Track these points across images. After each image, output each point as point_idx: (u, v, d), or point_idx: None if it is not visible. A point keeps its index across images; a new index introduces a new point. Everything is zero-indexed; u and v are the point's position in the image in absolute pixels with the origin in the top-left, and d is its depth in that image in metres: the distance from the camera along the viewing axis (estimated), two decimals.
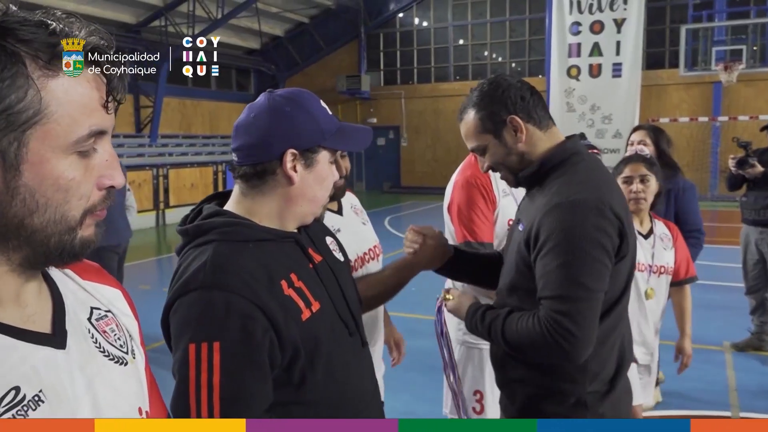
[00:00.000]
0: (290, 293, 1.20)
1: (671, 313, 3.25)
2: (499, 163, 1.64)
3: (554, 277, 1.45)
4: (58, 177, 0.66)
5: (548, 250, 1.47)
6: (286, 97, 1.27)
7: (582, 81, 14.47)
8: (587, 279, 1.44)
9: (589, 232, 1.44)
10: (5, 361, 0.64)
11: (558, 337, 1.44)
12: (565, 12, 14.46)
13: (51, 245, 0.68)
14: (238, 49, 19.33)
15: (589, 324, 1.45)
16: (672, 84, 16.03)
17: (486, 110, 1.59)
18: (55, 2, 13.02)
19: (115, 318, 0.82)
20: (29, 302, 0.71)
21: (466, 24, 18.95)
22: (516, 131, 1.59)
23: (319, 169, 1.27)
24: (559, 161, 1.58)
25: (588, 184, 1.51)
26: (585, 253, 1.44)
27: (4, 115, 0.63)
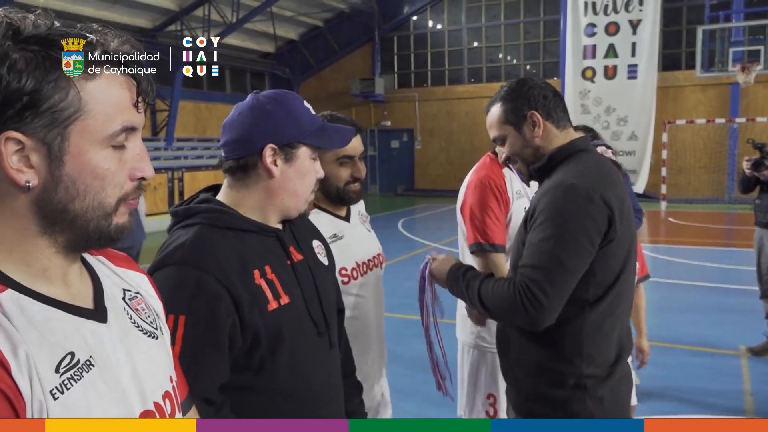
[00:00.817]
0: (261, 283, 1.27)
1: (672, 314, 3.22)
2: (516, 154, 1.76)
3: (535, 249, 1.58)
4: (95, 167, 0.76)
5: (537, 226, 1.60)
6: (270, 96, 1.35)
7: (597, 83, 14.39)
8: (564, 255, 1.54)
9: (575, 214, 1.55)
10: (61, 330, 0.74)
11: (526, 302, 1.55)
12: (580, 13, 14.40)
13: (90, 229, 0.78)
14: (253, 53, 19.47)
15: (556, 296, 1.55)
16: (689, 85, 15.88)
17: (510, 104, 1.73)
18: (74, 8, 13.21)
19: (143, 299, 0.93)
20: (74, 282, 0.81)
21: (480, 26, 18.92)
22: (534, 126, 1.71)
23: (299, 164, 1.34)
24: (566, 155, 1.70)
25: (584, 173, 1.63)
26: (567, 232, 1.55)
27: (49, 112, 0.72)
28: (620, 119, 14.28)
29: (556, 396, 1.64)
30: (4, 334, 0.69)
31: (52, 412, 0.69)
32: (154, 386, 0.86)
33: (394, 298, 1.92)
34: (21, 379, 0.68)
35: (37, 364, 0.70)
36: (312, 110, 1.38)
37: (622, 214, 1.63)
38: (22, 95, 0.71)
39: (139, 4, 14.68)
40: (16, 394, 0.67)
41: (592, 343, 1.63)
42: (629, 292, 1.73)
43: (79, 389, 0.73)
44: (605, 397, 1.64)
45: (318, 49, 20.14)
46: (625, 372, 1.75)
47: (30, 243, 0.76)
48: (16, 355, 0.68)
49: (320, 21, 19.66)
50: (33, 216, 0.76)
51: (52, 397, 0.70)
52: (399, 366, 4.37)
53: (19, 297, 0.73)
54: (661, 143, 14.30)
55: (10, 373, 0.67)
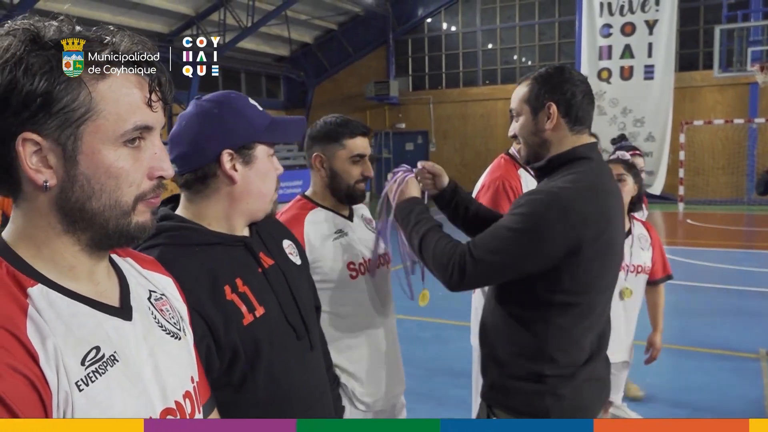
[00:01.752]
0: (233, 298, 1.23)
1: (691, 317, 3.18)
2: (523, 137, 1.76)
3: (496, 231, 1.62)
4: (109, 166, 0.78)
5: (511, 214, 1.63)
6: (213, 100, 1.29)
7: (613, 84, 14.28)
8: (509, 248, 1.58)
9: (546, 222, 1.56)
10: (87, 324, 0.77)
11: (455, 266, 1.62)
12: (596, 14, 14.30)
13: (110, 228, 0.80)
14: (268, 57, 19.57)
15: (480, 277, 1.64)
16: (706, 85, 15.71)
17: (537, 86, 1.71)
18: (92, 13, 13.38)
19: (168, 300, 0.96)
20: (101, 280, 0.84)
21: (495, 28, 18.86)
22: (548, 118, 1.69)
23: (258, 164, 1.29)
24: (566, 161, 1.68)
25: (573, 185, 1.61)
26: (530, 233, 1.57)
27: (62, 113, 0.74)
28: (637, 120, 14.16)
29: (517, 388, 1.68)
30: (34, 327, 0.71)
31: (77, 403, 0.72)
32: (175, 385, 0.87)
33: (408, 300, 1.91)
34: (48, 369, 0.70)
35: (64, 356, 0.72)
36: (259, 107, 1.32)
37: (604, 232, 1.61)
38: (36, 97, 0.73)
39: (155, 9, 14.84)
40: (44, 384, 0.70)
41: (557, 347, 1.64)
42: (604, 305, 1.74)
43: (103, 383, 0.75)
44: (566, 395, 1.65)
45: (332, 52, 20.20)
46: (596, 375, 1.74)
47: (56, 241, 0.79)
48: (45, 346, 0.71)
49: (335, 24, 19.73)
50: (55, 214, 0.78)
51: (77, 389, 0.72)
52: (413, 368, 4.36)
53: (48, 291, 0.76)
54: (678, 144, 14.15)
55: (38, 363, 0.70)
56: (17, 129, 0.73)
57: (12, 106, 0.72)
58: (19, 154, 0.74)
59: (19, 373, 0.67)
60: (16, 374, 0.67)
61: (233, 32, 15.83)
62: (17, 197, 0.79)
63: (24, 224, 0.79)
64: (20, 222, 0.79)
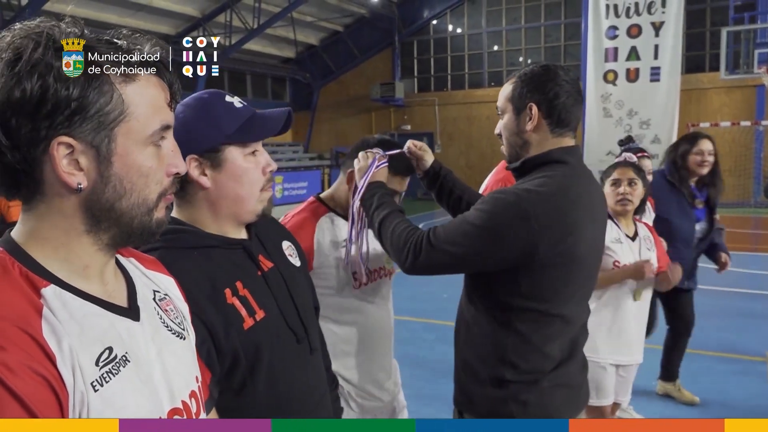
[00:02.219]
0: (233, 302, 1.21)
1: (697, 319, 3.17)
2: (505, 137, 1.75)
3: (455, 222, 1.63)
4: (140, 165, 0.81)
5: (475, 207, 1.62)
6: (183, 103, 1.25)
7: (619, 86, 14.22)
8: (466, 242, 1.57)
9: (500, 221, 1.55)
10: (99, 325, 0.78)
11: (410, 249, 1.62)
12: (602, 16, 14.26)
13: (134, 225, 0.82)
14: (274, 58, 19.61)
15: (433, 264, 1.62)
16: (713, 88, 15.65)
17: (521, 84, 1.69)
18: (99, 15, 13.44)
19: (171, 300, 0.97)
20: (110, 280, 0.85)
21: (501, 30, 18.85)
22: (528, 118, 1.66)
23: (230, 167, 1.24)
24: (539, 163, 1.66)
25: (538, 188, 1.58)
26: (482, 229, 1.56)
27: (97, 116, 0.76)
28: (643, 122, 14.11)
29: (481, 393, 1.68)
30: (49, 327, 0.72)
31: (93, 404, 0.73)
32: (181, 385, 0.88)
33: (414, 302, 1.91)
34: (65, 370, 0.71)
35: (79, 356, 0.73)
36: (237, 103, 1.26)
37: (563, 241, 1.55)
38: (70, 101, 0.74)
39: (162, 11, 14.90)
40: (60, 385, 0.70)
41: (516, 353, 1.63)
42: (577, 314, 1.72)
43: (117, 383, 0.76)
44: (530, 402, 1.63)
45: (338, 54, 20.23)
46: (566, 381, 1.70)
47: (75, 241, 0.80)
48: (61, 347, 0.71)
49: (340, 26, 19.76)
50: (81, 215, 0.79)
51: (92, 389, 0.73)
52: (418, 369, 4.36)
53: (61, 292, 0.76)
54: None
55: (55, 364, 0.70)
56: (49, 133, 0.74)
57: (44, 111, 0.73)
58: (54, 157, 0.75)
59: (38, 374, 0.68)
60: (35, 375, 0.68)
61: (239, 34, 15.87)
62: (32, 199, 0.79)
63: (40, 225, 0.79)
64: (35, 223, 0.80)
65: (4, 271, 0.75)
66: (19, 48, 0.74)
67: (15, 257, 0.77)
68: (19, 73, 0.73)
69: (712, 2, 16.01)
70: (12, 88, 0.73)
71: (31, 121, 0.73)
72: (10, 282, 0.74)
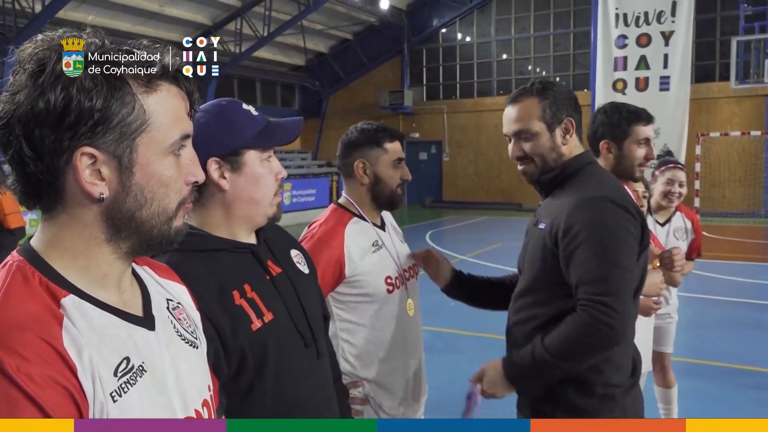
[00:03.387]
0: (241, 303, 1.23)
1: (707, 330, 3.16)
2: (539, 155, 1.72)
3: (591, 264, 1.53)
4: (161, 175, 0.81)
5: (581, 241, 1.55)
6: (203, 109, 1.30)
7: (628, 94, 14.18)
8: (622, 259, 1.54)
9: (618, 223, 1.56)
10: (116, 335, 0.78)
11: (605, 317, 1.49)
12: (611, 25, 14.26)
13: (154, 234, 0.83)
14: (284, 66, 19.71)
15: (628, 300, 1.54)
16: (723, 97, 15.60)
17: (551, 101, 1.70)
18: (111, 23, 13.56)
19: (184, 309, 0.97)
20: (126, 289, 0.85)
21: (510, 38, 18.88)
22: (566, 133, 1.71)
23: (248, 170, 1.28)
24: (578, 167, 1.70)
25: (608, 185, 1.67)
26: (617, 239, 1.55)
27: (119, 127, 0.77)
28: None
29: (584, 405, 1.61)
30: (70, 337, 0.72)
31: (112, 414, 0.73)
32: (194, 394, 0.88)
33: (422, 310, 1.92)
34: (86, 380, 0.71)
35: (99, 366, 0.73)
36: (254, 112, 1.32)
37: (645, 222, 1.67)
38: (94, 112, 0.75)
39: (173, 19, 15.02)
40: (81, 395, 0.71)
41: (618, 351, 1.60)
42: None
43: (135, 393, 0.76)
44: (628, 408, 1.64)
45: (347, 62, 20.31)
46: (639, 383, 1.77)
47: (95, 250, 0.81)
48: (81, 357, 0.72)
49: (350, 34, 19.84)
50: (102, 225, 0.80)
51: (111, 400, 0.73)
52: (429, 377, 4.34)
53: (80, 302, 0.77)
54: (694, 156, 14.05)
55: (76, 374, 0.71)
56: (72, 143, 0.75)
57: (68, 122, 0.74)
58: (77, 168, 0.76)
59: (60, 384, 0.68)
60: (57, 386, 0.68)
61: (249, 42, 15.97)
62: (53, 209, 0.79)
63: (60, 234, 0.80)
64: (55, 232, 0.80)
65: (25, 280, 0.75)
66: (42, 59, 0.75)
67: (35, 266, 0.77)
68: (42, 84, 0.74)
69: (723, 12, 15.97)
70: (36, 100, 0.74)
71: (54, 132, 0.74)
72: (31, 292, 0.74)
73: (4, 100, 0.76)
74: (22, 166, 0.76)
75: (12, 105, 0.75)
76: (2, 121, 0.75)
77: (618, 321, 1.50)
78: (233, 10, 15.81)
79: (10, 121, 0.75)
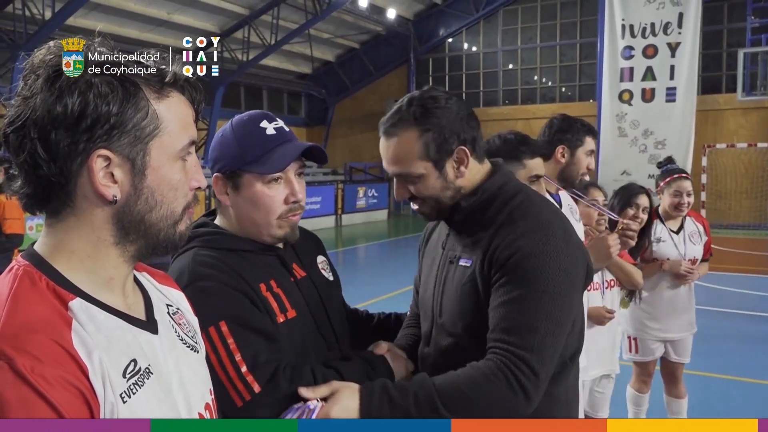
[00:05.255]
0: (267, 296, 1.27)
1: (713, 343, 3.15)
2: (432, 198, 1.38)
3: (517, 308, 1.21)
4: (171, 179, 0.83)
5: (512, 278, 1.23)
6: (232, 121, 1.35)
7: (634, 105, 14.20)
8: (557, 311, 1.22)
9: (561, 260, 1.24)
10: (124, 338, 0.80)
11: (520, 375, 1.17)
12: (617, 36, 14.29)
13: (161, 237, 0.84)
14: (290, 74, 19.80)
15: (551, 363, 1.22)
16: (729, 109, 15.58)
17: (434, 133, 1.33)
18: (120, 30, 13.66)
19: (183, 314, 0.98)
20: (129, 293, 0.86)
21: (516, 49, 18.92)
22: (459, 164, 1.35)
23: (247, 192, 1.29)
24: (496, 190, 1.37)
25: (545, 210, 1.34)
26: (557, 283, 1.22)
27: (134, 130, 0.79)
28: (658, 142, 14.05)
29: None
30: (79, 339, 0.73)
31: (121, 415, 0.74)
32: (197, 397, 0.90)
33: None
34: (96, 381, 0.72)
35: (108, 368, 0.74)
36: (271, 130, 1.29)
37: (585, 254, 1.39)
38: (110, 116, 0.77)
39: (181, 27, 15.11)
40: (93, 396, 0.72)
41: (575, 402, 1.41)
42: None
43: (143, 395, 0.77)
44: None
45: (354, 71, 20.38)
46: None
47: (102, 253, 0.82)
48: (91, 359, 0.73)
49: (356, 43, 19.93)
50: (111, 227, 0.81)
51: (121, 401, 0.74)
52: None
53: (87, 305, 0.78)
54: (700, 167, 14.01)
55: (87, 375, 0.72)
56: (88, 146, 0.77)
57: (84, 126, 0.76)
58: (92, 169, 0.77)
59: (72, 385, 0.69)
60: (70, 387, 0.69)
61: (257, 49, 16.06)
62: (61, 212, 0.80)
63: (67, 238, 0.81)
64: (61, 236, 0.81)
65: (33, 284, 0.76)
66: (58, 65, 0.77)
67: (41, 270, 0.78)
68: (60, 88, 0.75)
69: (730, 23, 15.97)
70: (54, 104, 0.75)
71: (70, 135, 0.76)
72: (39, 295, 0.75)
73: (15, 104, 0.77)
74: (34, 169, 0.77)
75: (26, 109, 0.76)
76: (17, 124, 0.76)
77: (536, 386, 1.19)
78: (241, 18, 15.91)
79: (26, 124, 0.76)
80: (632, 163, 13.77)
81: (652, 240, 3.39)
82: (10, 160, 0.83)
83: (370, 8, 16.93)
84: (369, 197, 17.48)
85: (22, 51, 0.84)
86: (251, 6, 15.73)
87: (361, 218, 16.97)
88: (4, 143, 0.79)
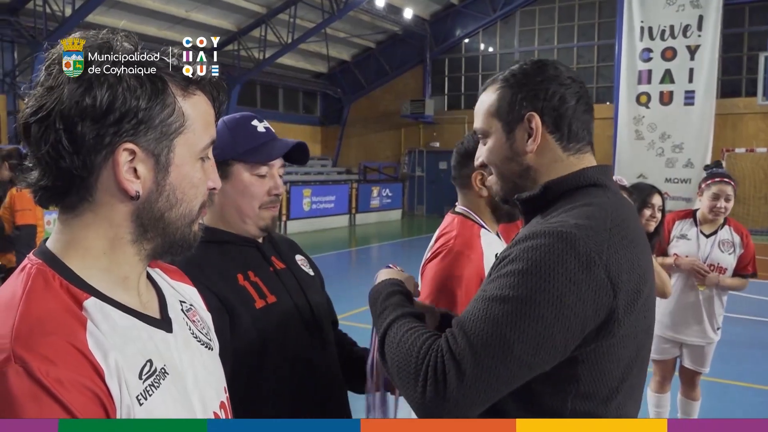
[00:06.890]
0: (245, 284, 1.33)
1: (732, 349, 3.12)
2: (495, 165, 1.23)
3: (481, 307, 1.02)
4: (192, 177, 0.83)
5: (499, 276, 1.04)
6: (223, 118, 1.41)
7: (652, 108, 14.09)
8: (516, 336, 0.98)
9: (557, 281, 0.99)
10: (140, 338, 0.79)
11: (430, 375, 1.00)
12: (636, 38, 14.18)
13: (177, 236, 0.84)
14: (306, 73, 19.85)
15: (480, 387, 0.98)
16: (749, 113, 15.37)
17: (509, 91, 1.20)
18: (139, 27, 13.77)
19: (197, 311, 0.97)
20: (143, 291, 0.86)
21: (533, 50, 18.82)
22: (529, 135, 1.17)
23: (236, 180, 1.38)
24: (568, 188, 1.16)
25: (589, 221, 1.05)
26: (535, 305, 0.99)
27: (161, 126, 0.79)
28: (676, 146, 13.92)
29: None
30: (94, 341, 0.72)
31: (138, 416, 0.73)
32: (212, 395, 0.89)
33: None
34: (113, 384, 0.71)
35: (124, 369, 0.73)
36: (260, 129, 1.41)
37: (638, 297, 1.06)
38: (138, 111, 0.77)
39: (200, 25, 15.21)
40: (109, 400, 0.70)
41: None
42: (634, 400, 1.16)
43: (159, 396, 0.76)
44: None
45: (370, 70, 20.39)
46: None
47: (119, 250, 0.81)
48: (107, 360, 0.71)
49: (373, 43, 19.93)
50: (129, 224, 0.80)
51: (137, 403, 0.73)
52: None
53: (102, 304, 0.76)
54: None
55: (103, 378, 0.70)
56: (114, 139, 0.76)
57: (112, 119, 0.75)
58: (118, 163, 0.77)
59: (88, 388, 0.68)
60: (86, 390, 0.68)
61: (273, 48, 16.12)
62: (78, 207, 0.79)
63: (83, 234, 0.79)
64: (77, 232, 0.79)
65: (46, 283, 0.74)
66: (84, 57, 0.76)
67: (54, 269, 0.76)
68: (90, 80, 0.75)
69: (750, 27, 15.77)
70: (83, 95, 0.74)
71: (97, 128, 0.75)
72: (53, 295, 0.74)
73: (37, 95, 0.76)
74: (56, 161, 0.75)
75: (50, 99, 0.74)
76: (41, 114, 0.74)
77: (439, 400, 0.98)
78: (258, 16, 15.98)
79: (51, 114, 0.74)
80: (649, 167, 13.66)
81: (674, 235, 3.41)
82: (14, 155, 0.83)
83: (387, 8, 16.92)
84: (383, 197, 17.49)
85: (43, 46, 0.84)
86: (269, 4, 15.79)
87: (375, 218, 16.98)
88: (24, 134, 0.77)
